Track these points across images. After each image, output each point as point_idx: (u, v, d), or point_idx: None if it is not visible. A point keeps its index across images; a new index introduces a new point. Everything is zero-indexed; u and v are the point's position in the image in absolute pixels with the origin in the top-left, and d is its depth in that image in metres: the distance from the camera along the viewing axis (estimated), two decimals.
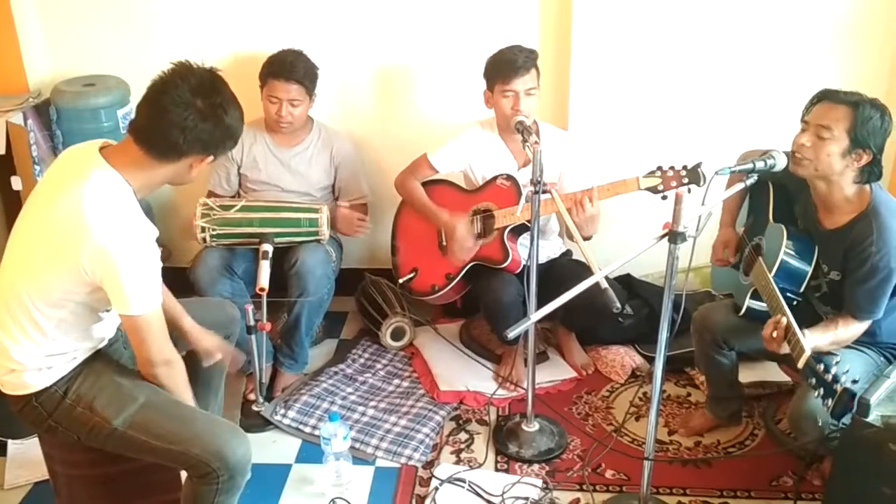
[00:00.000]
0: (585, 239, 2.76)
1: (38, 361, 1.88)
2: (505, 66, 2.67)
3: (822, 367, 1.86)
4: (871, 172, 2.12)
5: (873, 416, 1.88)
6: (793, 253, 2.24)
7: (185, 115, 1.79)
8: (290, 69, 2.83)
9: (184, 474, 2.01)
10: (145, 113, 1.83)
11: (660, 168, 2.56)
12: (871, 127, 2.06)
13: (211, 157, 1.88)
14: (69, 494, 2.11)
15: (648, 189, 2.56)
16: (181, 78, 1.82)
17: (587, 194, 2.56)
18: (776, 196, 2.41)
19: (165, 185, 1.95)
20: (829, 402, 1.83)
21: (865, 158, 2.09)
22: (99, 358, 1.98)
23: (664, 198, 2.53)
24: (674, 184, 2.53)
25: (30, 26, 3.13)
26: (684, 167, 2.54)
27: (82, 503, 2.11)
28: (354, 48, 3.15)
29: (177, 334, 2.01)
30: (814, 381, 1.88)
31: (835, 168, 2.11)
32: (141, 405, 1.91)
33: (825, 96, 2.14)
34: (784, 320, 2.03)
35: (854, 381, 1.83)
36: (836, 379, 1.82)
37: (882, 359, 2.25)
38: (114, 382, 1.94)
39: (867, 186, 2.16)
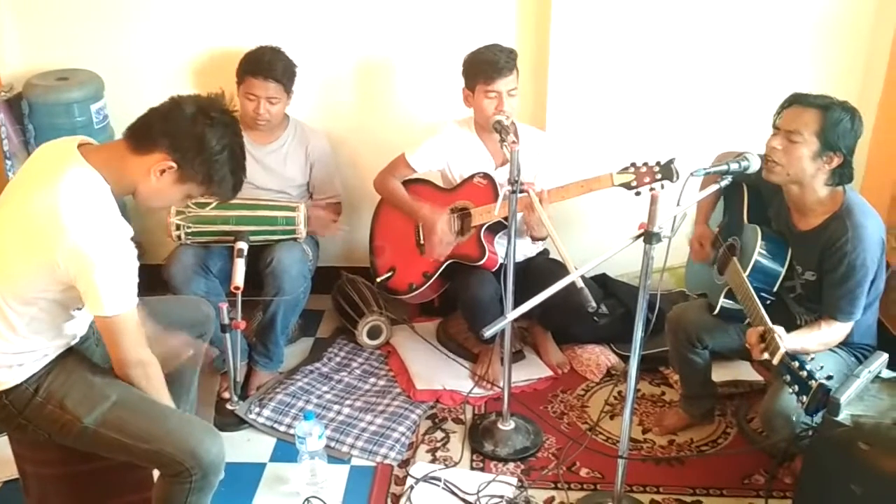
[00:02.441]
0: (535, 240, 2.78)
1: (9, 359, 1.85)
2: (487, 67, 2.66)
3: (796, 363, 1.88)
4: (842, 175, 2.15)
5: (843, 416, 1.90)
6: (766, 253, 2.27)
7: (175, 106, 1.81)
8: (268, 67, 2.81)
9: (156, 473, 1.99)
10: None
11: (633, 164, 2.57)
12: (842, 129, 2.08)
13: (174, 165, 1.80)
14: (39, 494, 2.08)
15: (622, 185, 2.57)
16: (208, 97, 1.86)
17: (539, 195, 2.56)
18: (750, 198, 2.43)
19: None
20: (804, 398, 1.86)
21: (836, 161, 2.11)
22: (71, 355, 1.96)
23: (638, 194, 2.55)
24: (647, 179, 2.54)
25: (2, 19, 3.08)
26: (657, 163, 2.55)
27: (52, 502, 2.08)
28: (332, 46, 3.14)
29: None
30: (789, 377, 1.91)
31: (806, 171, 2.13)
32: (113, 403, 1.89)
33: (795, 100, 2.16)
34: (758, 334, 2.05)
35: (829, 377, 1.85)
36: (811, 375, 1.85)
37: (853, 359, 2.28)
38: (85, 380, 1.91)
39: (839, 189, 2.18)
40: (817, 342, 2.17)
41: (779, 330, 2.01)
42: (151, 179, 1.82)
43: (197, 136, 1.80)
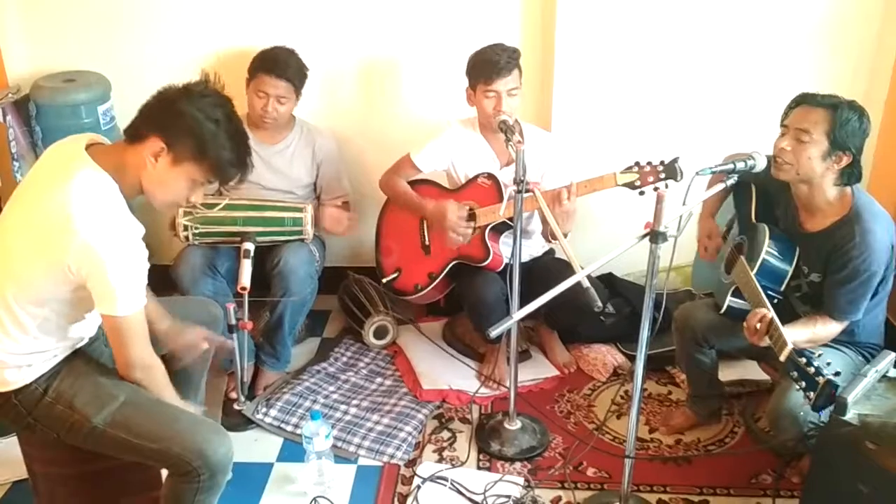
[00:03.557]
0: (553, 239, 2.77)
1: (18, 359, 1.86)
2: (487, 67, 2.67)
3: (804, 359, 1.88)
4: (851, 174, 2.14)
5: (850, 415, 1.90)
6: (774, 253, 2.26)
7: (159, 94, 1.83)
8: (282, 66, 2.83)
9: (164, 472, 2.00)
10: None
11: (637, 164, 2.57)
12: (850, 129, 2.08)
13: (164, 146, 1.79)
14: (48, 493, 2.09)
15: (626, 185, 2.56)
16: (192, 82, 1.86)
17: (566, 189, 2.57)
18: (758, 197, 2.43)
19: None
20: (812, 394, 1.85)
21: (846, 160, 2.11)
22: (79, 356, 1.97)
23: (641, 193, 2.54)
24: (651, 179, 2.54)
25: (9, 21, 3.10)
26: (661, 162, 2.55)
27: (61, 502, 2.09)
28: (337, 45, 3.15)
29: (155, 337, 1.99)
30: (796, 373, 1.91)
31: (816, 171, 2.13)
32: (121, 403, 1.90)
33: (804, 100, 2.15)
34: (768, 314, 2.05)
35: (837, 374, 1.85)
36: (818, 371, 1.85)
37: (860, 358, 2.28)
38: (94, 380, 1.92)
39: (848, 189, 2.18)
40: (807, 337, 2.17)
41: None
42: (148, 167, 1.81)
43: (180, 111, 1.79)
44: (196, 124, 1.79)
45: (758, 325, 2.06)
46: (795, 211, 2.29)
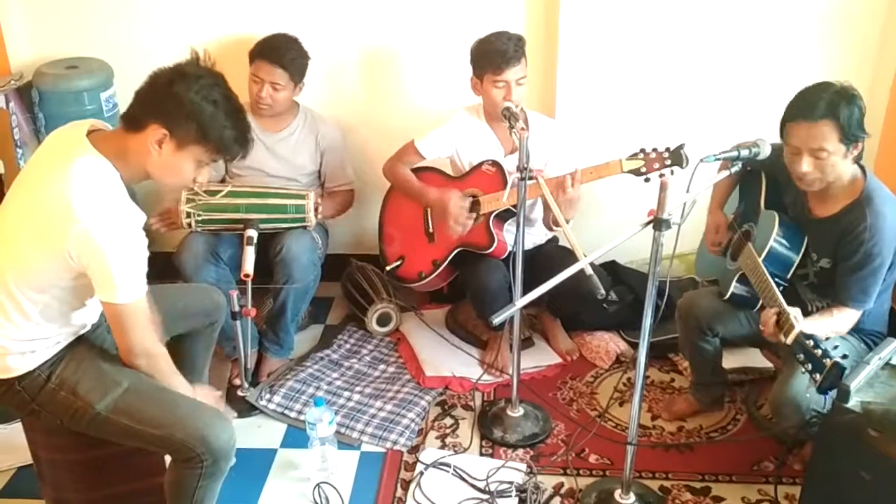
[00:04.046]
0: (556, 226, 2.77)
1: (22, 346, 1.87)
2: (496, 57, 2.64)
3: (811, 342, 1.88)
4: (861, 150, 2.14)
5: (853, 402, 1.90)
6: (783, 240, 2.26)
7: (153, 79, 1.81)
8: (279, 53, 2.82)
9: (168, 458, 2.01)
10: None
11: (642, 150, 2.56)
12: (855, 121, 2.07)
13: (166, 133, 1.78)
14: (53, 479, 2.11)
15: (631, 171, 2.55)
16: (183, 62, 1.84)
17: (571, 176, 2.56)
18: (768, 185, 2.42)
19: None
20: (818, 376, 1.85)
21: (861, 144, 2.12)
22: (82, 343, 1.98)
23: (647, 180, 2.53)
24: (656, 165, 2.53)
25: (12, 7, 3.09)
26: (667, 149, 2.53)
27: (66, 487, 2.10)
28: (341, 33, 3.14)
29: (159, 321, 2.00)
30: (802, 356, 1.90)
31: (841, 169, 2.13)
32: (125, 390, 1.91)
33: (800, 115, 2.09)
34: (773, 315, 2.05)
35: (844, 357, 1.85)
36: (825, 354, 1.85)
37: (864, 346, 2.28)
38: (97, 367, 1.93)
39: (859, 174, 2.17)
40: (829, 329, 2.16)
41: (795, 312, 2.01)
42: (153, 154, 1.81)
43: (176, 95, 1.77)
44: (195, 108, 1.78)
45: (773, 328, 2.05)
46: (805, 197, 2.28)
